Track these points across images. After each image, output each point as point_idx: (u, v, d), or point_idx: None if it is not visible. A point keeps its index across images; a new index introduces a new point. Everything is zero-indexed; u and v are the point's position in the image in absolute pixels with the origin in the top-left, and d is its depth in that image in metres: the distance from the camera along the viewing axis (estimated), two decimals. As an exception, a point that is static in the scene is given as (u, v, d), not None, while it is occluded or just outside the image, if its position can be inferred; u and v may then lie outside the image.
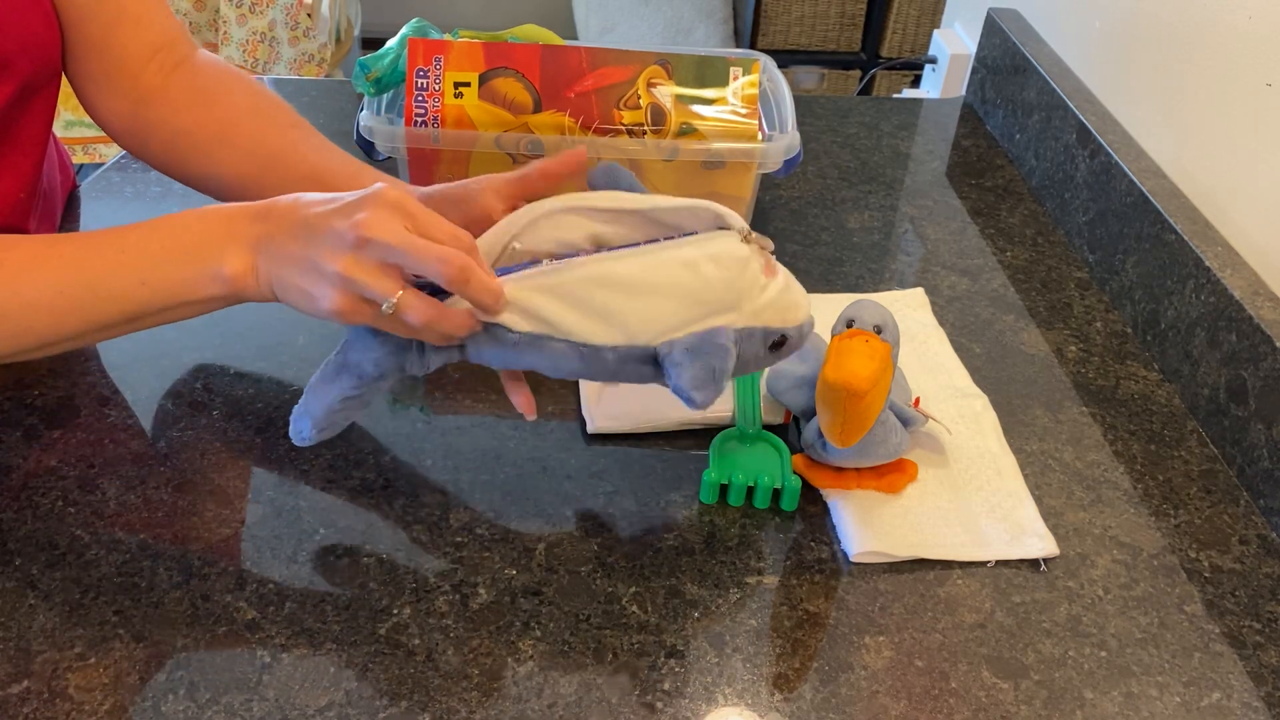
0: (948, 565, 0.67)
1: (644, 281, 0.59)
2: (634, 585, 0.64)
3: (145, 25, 0.76)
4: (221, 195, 0.76)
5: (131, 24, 0.75)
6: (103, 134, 2.22)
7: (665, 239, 0.61)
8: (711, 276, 0.59)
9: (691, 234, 0.61)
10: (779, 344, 0.62)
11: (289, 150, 0.75)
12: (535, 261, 0.60)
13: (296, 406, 0.64)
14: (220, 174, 0.75)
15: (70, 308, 0.61)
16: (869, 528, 0.68)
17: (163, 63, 0.76)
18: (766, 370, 0.78)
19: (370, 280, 0.56)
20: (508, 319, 0.59)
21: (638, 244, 0.61)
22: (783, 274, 0.62)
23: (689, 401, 0.58)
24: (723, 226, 0.61)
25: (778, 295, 0.61)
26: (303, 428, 0.64)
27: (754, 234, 0.61)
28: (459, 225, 0.59)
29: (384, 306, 0.57)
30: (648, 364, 0.60)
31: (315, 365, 0.79)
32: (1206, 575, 0.67)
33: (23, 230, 0.79)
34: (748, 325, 0.60)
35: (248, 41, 2.22)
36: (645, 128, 0.83)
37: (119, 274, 0.61)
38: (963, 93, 1.31)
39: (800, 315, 0.63)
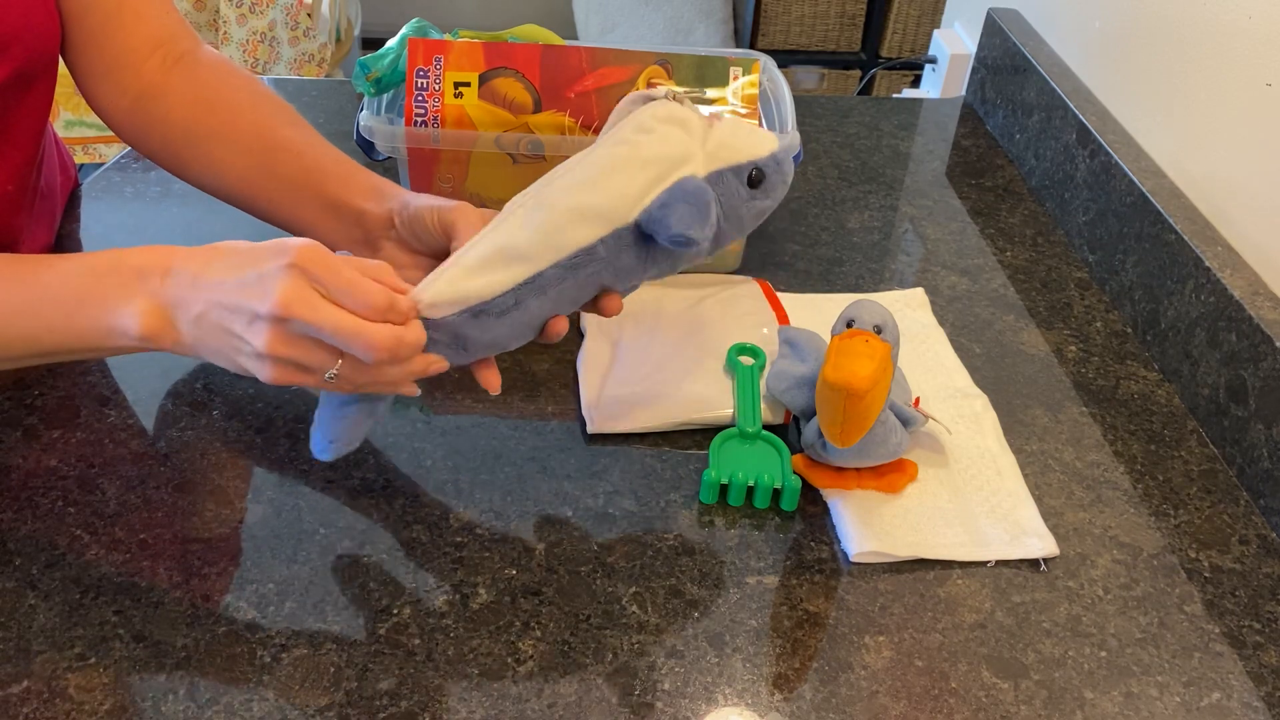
0: (948, 565, 0.67)
1: (594, 172, 0.59)
2: (634, 585, 0.64)
3: (146, 19, 0.76)
4: (219, 192, 0.76)
5: (132, 17, 0.75)
6: (103, 134, 2.23)
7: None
8: (650, 137, 0.59)
9: None
10: (756, 180, 0.61)
11: (284, 148, 0.75)
12: None
13: (313, 426, 0.65)
14: (217, 171, 0.75)
15: None
16: (869, 528, 0.68)
17: (164, 57, 0.76)
18: (767, 370, 0.78)
19: (301, 354, 0.55)
20: (481, 284, 0.58)
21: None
22: (729, 119, 0.62)
23: (688, 243, 0.58)
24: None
25: (729, 133, 0.61)
26: (322, 446, 0.65)
27: (681, 93, 0.61)
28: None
29: (325, 376, 0.56)
30: (640, 243, 0.60)
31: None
32: (1206, 575, 0.67)
33: (11, 226, 0.79)
34: (712, 169, 0.60)
35: (248, 41, 2.22)
36: (645, 128, 0.83)
37: (28, 316, 0.59)
38: (963, 93, 1.31)
39: (766, 146, 0.61)
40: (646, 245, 0.60)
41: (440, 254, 0.66)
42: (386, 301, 0.55)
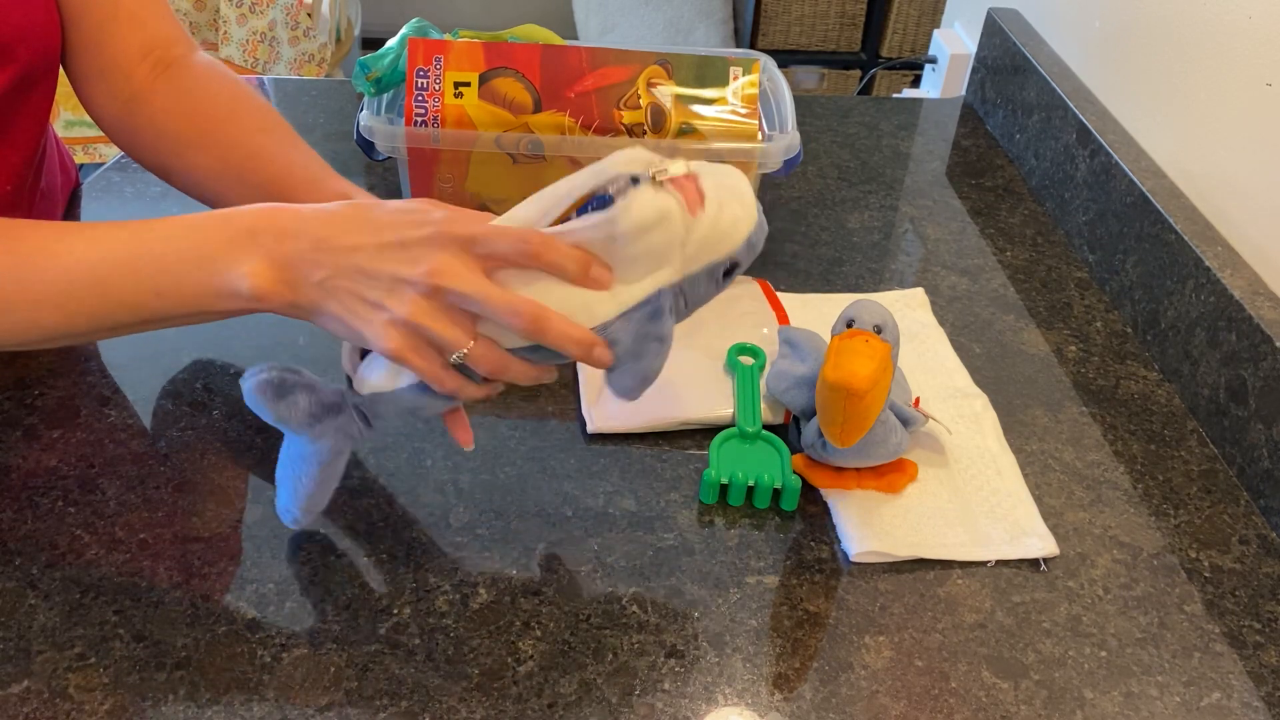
0: (948, 565, 0.67)
1: (567, 289, 0.55)
2: (634, 585, 0.64)
3: (140, 25, 0.76)
4: (202, 199, 0.76)
5: (127, 22, 0.75)
6: (103, 134, 2.23)
7: (579, 213, 0.57)
8: (628, 254, 0.55)
9: (608, 199, 0.55)
10: (729, 271, 0.58)
11: (256, 155, 0.73)
12: None
13: (277, 498, 0.64)
14: (198, 179, 0.75)
15: (79, 308, 0.58)
16: (869, 528, 0.68)
17: (155, 63, 0.76)
18: (767, 370, 0.78)
19: (441, 329, 0.54)
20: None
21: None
22: (711, 198, 0.56)
23: (622, 397, 0.57)
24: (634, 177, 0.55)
25: (710, 230, 0.56)
26: (290, 515, 0.63)
27: (668, 167, 0.55)
28: None
29: (453, 357, 0.55)
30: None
31: (316, 365, 0.79)
32: (1206, 575, 0.67)
33: None
34: (688, 273, 0.56)
35: (248, 41, 2.22)
36: (645, 128, 0.83)
37: (132, 281, 0.57)
38: (963, 93, 1.31)
39: (740, 234, 0.57)
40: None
41: None
42: (538, 240, 0.54)
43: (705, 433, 0.75)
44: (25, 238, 0.59)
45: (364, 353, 0.61)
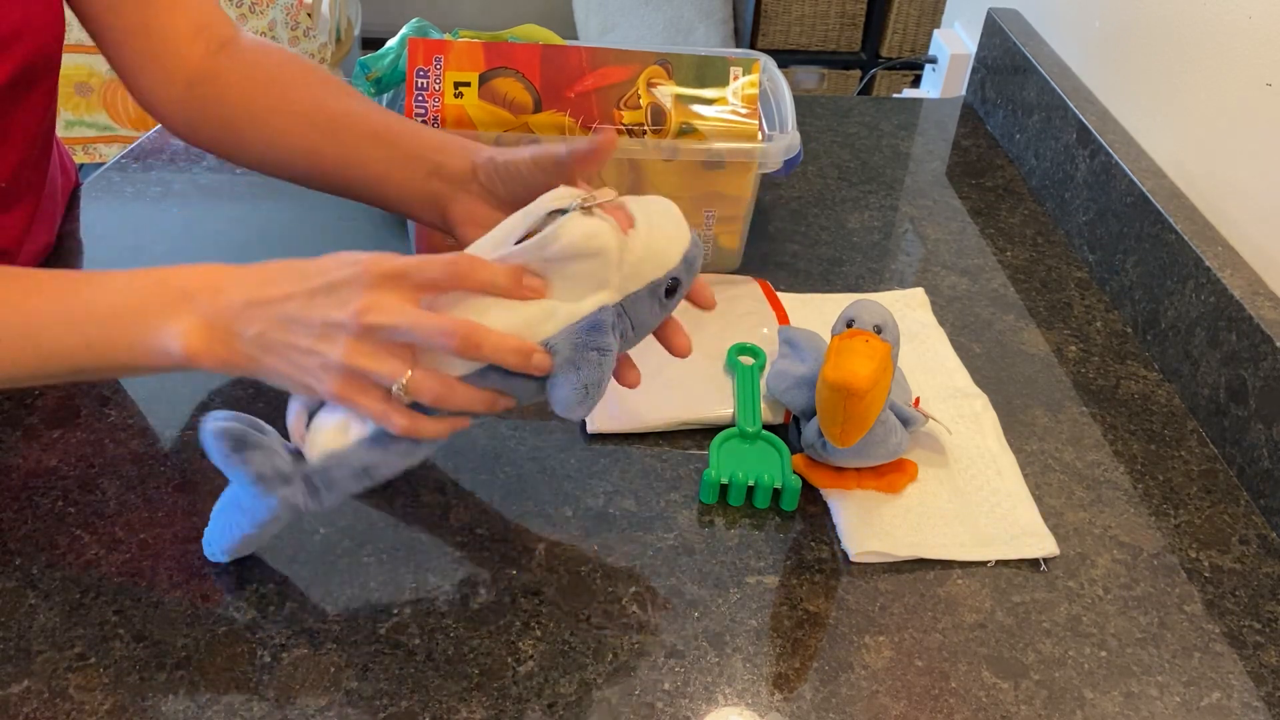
0: (948, 565, 0.67)
1: (505, 312, 0.56)
2: (634, 585, 0.64)
3: (184, 5, 0.75)
4: (282, 165, 0.75)
5: (169, 5, 0.75)
6: (103, 134, 2.22)
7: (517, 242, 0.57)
8: (562, 283, 0.56)
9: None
10: (671, 290, 0.58)
11: (348, 113, 0.73)
12: None
13: (207, 529, 0.63)
14: (281, 144, 0.74)
15: (7, 355, 0.57)
16: (869, 528, 0.68)
17: (208, 42, 0.76)
18: (767, 370, 0.78)
19: (377, 365, 0.54)
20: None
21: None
22: (640, 220, 0.57)
23: (565, 413, 0.57)
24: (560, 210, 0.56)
25: (644, 249, 0.57)
26: (215, 551, 0.63)
27: (593, 194, 0.56)
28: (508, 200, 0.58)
29: (394, 389, 0.55)
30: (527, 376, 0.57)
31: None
32: (1206, 575, 0.67)
33: (5, 226, 0.79)
34: (627, 293, 0.57)
35: (248, 41, 2.22)
36: (645, 128, 0.83)
37: (64, 331, 0.57)
38: (963, 93, 1.31)
39: (676, 251, 0.58)
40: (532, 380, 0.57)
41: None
42: (466, 263, 0.55)
43: (705, 433, 0.75)
44: None
45: (311, 416, 0.59)
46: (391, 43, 0.92)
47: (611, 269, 0.56)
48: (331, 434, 0.57)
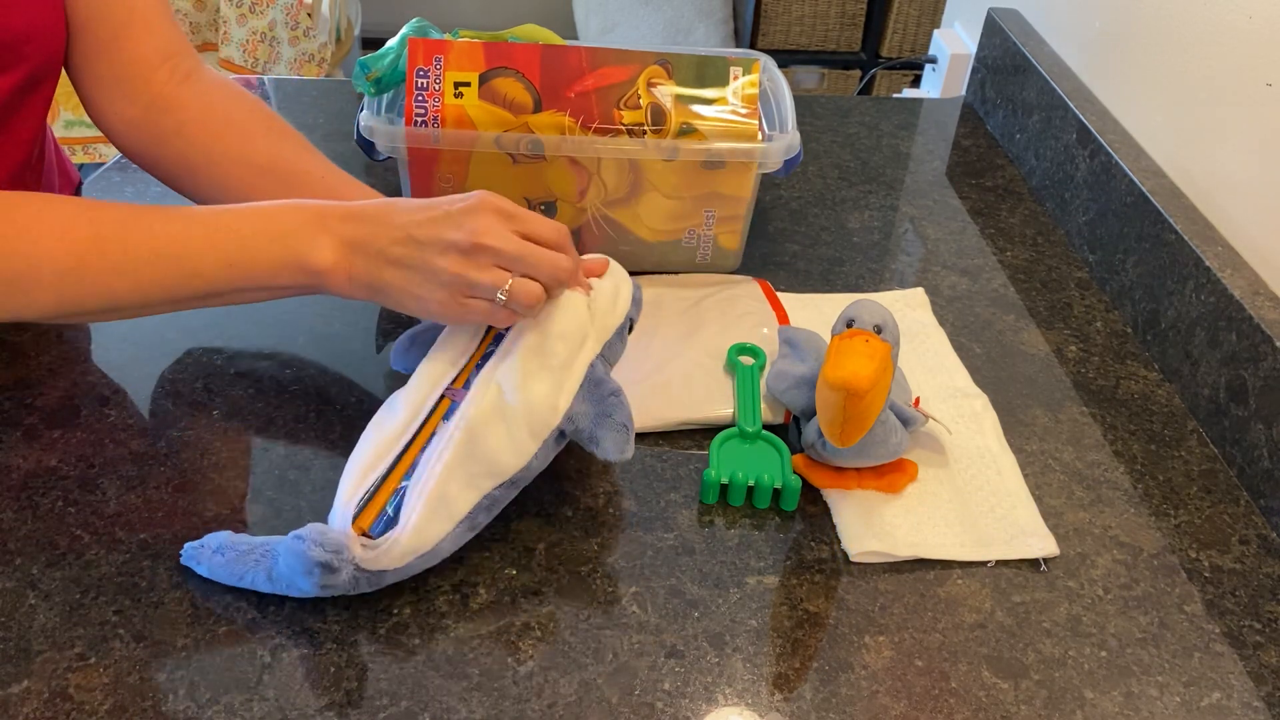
0: (948, 565, 0.67)
1: (513, 403, 0.62)
2: (634, 585, 0.64)
3: (155, 31, 0.77)
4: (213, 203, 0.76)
5: (142, 28, 0.76)
6: (103, 134, 2.22)
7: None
8: (556, 345, 0.64)
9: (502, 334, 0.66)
10: (630, 328, 0.70)
11: (304, 173, 0.77)
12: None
13: (211, 545, 0.62)
14: (235, 191, 0.75)
15: (154, 278, 0.63)
16: (869, 528, 0.68)
17: (173, 70, 0.77)
18: (767, 370, 0.78)
19: (484, 276, 0.61)
20: (432, 535, 0.60)
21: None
22: (595, 282, 0.68)
23: (620, 456, 0.64)
24: None
25: (609, 303, 0.67)
26: (200, 567, 0.62)
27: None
28: None
29: (498, 296, 0.62)
30: (560, 440, 0.65)
31: (315, 365, 0.79)
32: (1206, 575, 0.67)
33: None
34: (604, 342, 0.67)
35: (248, 41, 2.22)
36: (645, 128, 0.83)
37: (207, 253, 0.63)
38: (963, 93, 1.31)
39: (626, 295, 0.69)
40: (559, 439, 0.65)
41: None
42: (565, 231, 0.65)
43: (705, 433, 0.75)
44: (106, 210, 0.64)
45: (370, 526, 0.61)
46: (391, 43, 0.92)
47: (589, 328, 0.66)
48: (394, 558, 0.60)
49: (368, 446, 0.63)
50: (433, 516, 0.60)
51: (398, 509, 0.60)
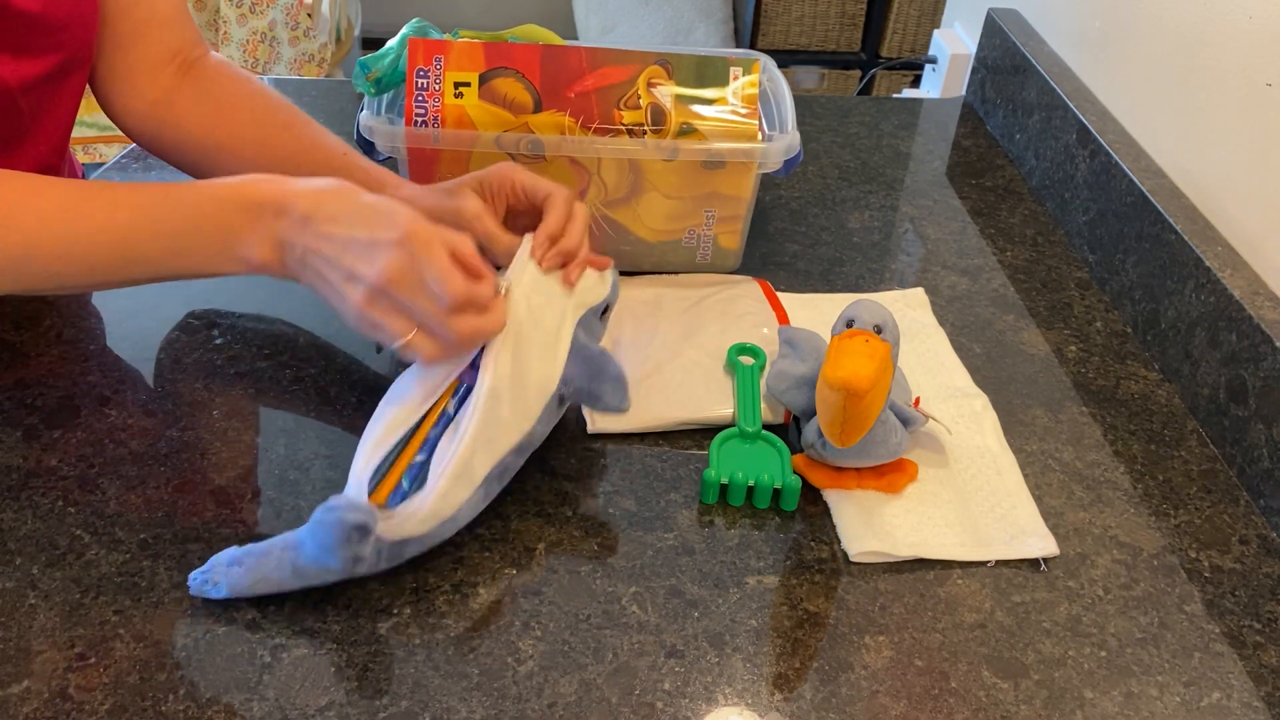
0: (948, 565, 0.67)
1: (515, 374, 0.65)
2: (634, 585, 0.64)
3: (170, 29, 0.79)
4: None
5: (160, 25, 0.78)
6: (103, 134, 2.22)
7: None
8: (534, 317, 0.66)
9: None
10: (605, 311, 0.72)
11: (288, 158, 0.78)
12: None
13: (223, 562, 0.61)
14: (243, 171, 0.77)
15: (101, 260, 0.64)
16: (869, 527, 0.68)
17: (179, 65, 0.79)
18: (767, 370, 0.78)
19: (385, 319, 0.62)
20: (453, 502, 0.63)
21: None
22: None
23: (621, 405, 0.68)
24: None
25: (586, 283, 0.69)
26: (219, 590, 0.61)
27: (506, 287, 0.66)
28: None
29: (394, 346, 0.62)
30: (560, 405, 0.68)
31: (314, 366, 0.79)
32: (1206, 575, 0.67)
33: None
34: (580, 315, 0.69)
35: (248, 41, 2.22)
36: (645, 128, 0.83)
37: (151, 241, 0.64)
38: (963, 93, 1.31)
39: (607, 283, 0.71)
40: (560, 403, 0.68)
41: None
42: (467, 295, 0.61)
43: (705, 433, 0.75)
44: (53, 195, 0.64)
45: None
46: (391, 43, 0.92)
47: (568, 303, 0.68)
48: (418, 523, 0.61)
49: (380, 424, 0.64)
50: (455, 482, 0.62)
51: (412, 483, 0.62)
